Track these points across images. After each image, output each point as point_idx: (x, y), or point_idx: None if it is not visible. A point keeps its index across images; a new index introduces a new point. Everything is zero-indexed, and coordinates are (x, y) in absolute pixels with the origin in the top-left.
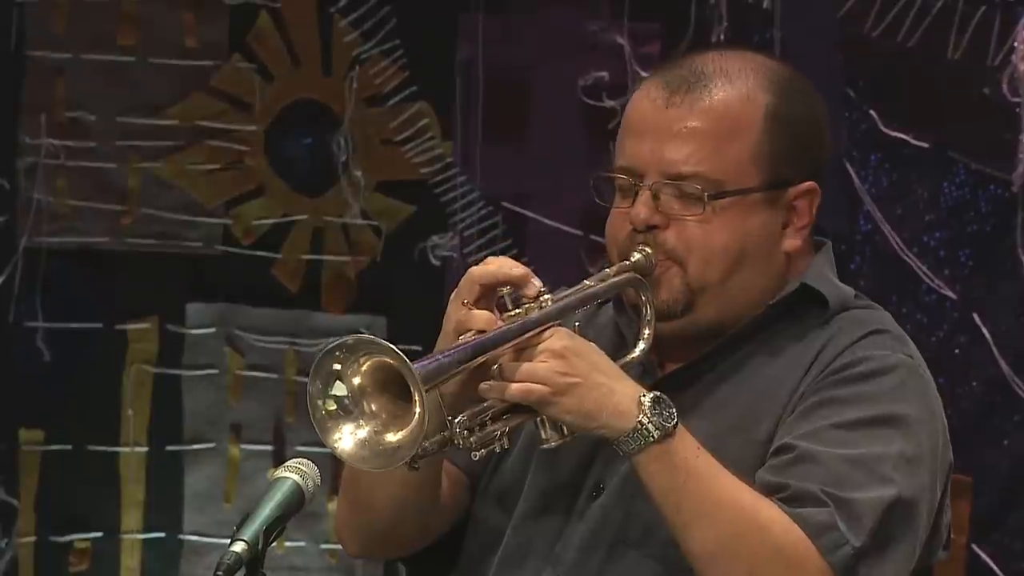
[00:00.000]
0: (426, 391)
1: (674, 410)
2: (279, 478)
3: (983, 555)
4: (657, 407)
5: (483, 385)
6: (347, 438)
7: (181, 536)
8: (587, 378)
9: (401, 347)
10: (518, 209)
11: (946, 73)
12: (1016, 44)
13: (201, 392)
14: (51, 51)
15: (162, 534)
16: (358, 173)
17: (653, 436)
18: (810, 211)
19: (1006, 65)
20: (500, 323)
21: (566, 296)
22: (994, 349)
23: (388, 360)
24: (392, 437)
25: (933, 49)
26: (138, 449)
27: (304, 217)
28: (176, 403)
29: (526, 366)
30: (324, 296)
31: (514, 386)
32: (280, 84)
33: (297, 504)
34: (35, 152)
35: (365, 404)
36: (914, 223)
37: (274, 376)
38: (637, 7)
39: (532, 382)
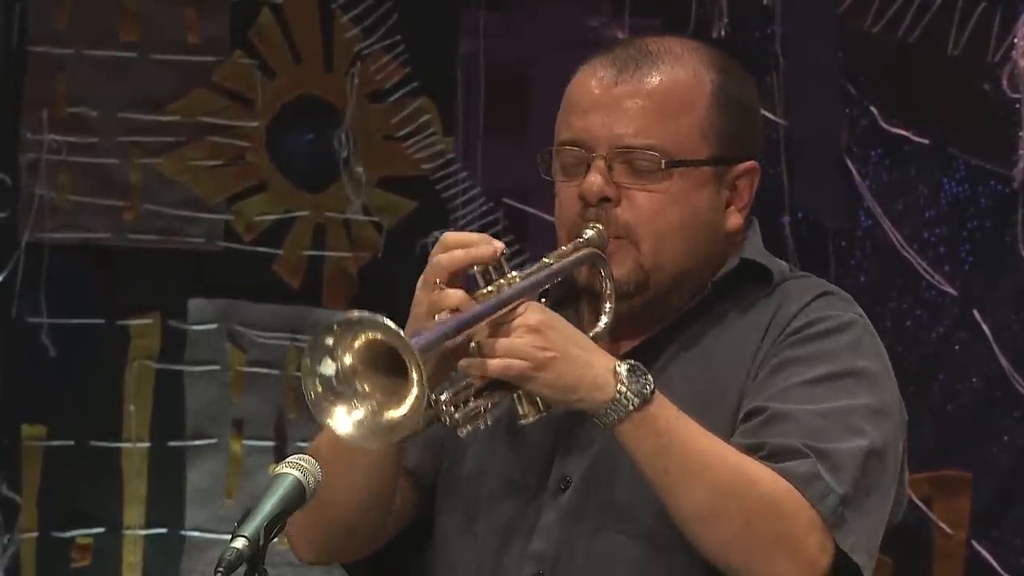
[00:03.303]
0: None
1: (650, 377)
2: (280, 474)
3: (983, 551)
4: (633, 375)
5: (463, 362)
6: (343, 419)
7: (183, 532)
8: (564, 352)
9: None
10: (519, 205)
11: (946, 69)
12: (1016, 40)
13: (203, 388)
14: (53, 47)
15: (164, 530)
16: (359, 169)
17: (633, 404)
18: (750, 191)
19: (1006, 61)
20: (473, 301)
21: (532, 272)
22: (994, 345)
23: (380, 337)
24: (391, 414)
25: (933, 45)
26: (140, 445)
27: (305, 213)
28: (178, 399)
29: (504, 342)
30: (325, 292)
31: (494, 362)
32: (281, 80)
33: (298, 500)
34: (37, 148)
35: (357, 384)
36: (914, 219)
37: (275, 372)
38: (638, 3)
39: (511, 357)
